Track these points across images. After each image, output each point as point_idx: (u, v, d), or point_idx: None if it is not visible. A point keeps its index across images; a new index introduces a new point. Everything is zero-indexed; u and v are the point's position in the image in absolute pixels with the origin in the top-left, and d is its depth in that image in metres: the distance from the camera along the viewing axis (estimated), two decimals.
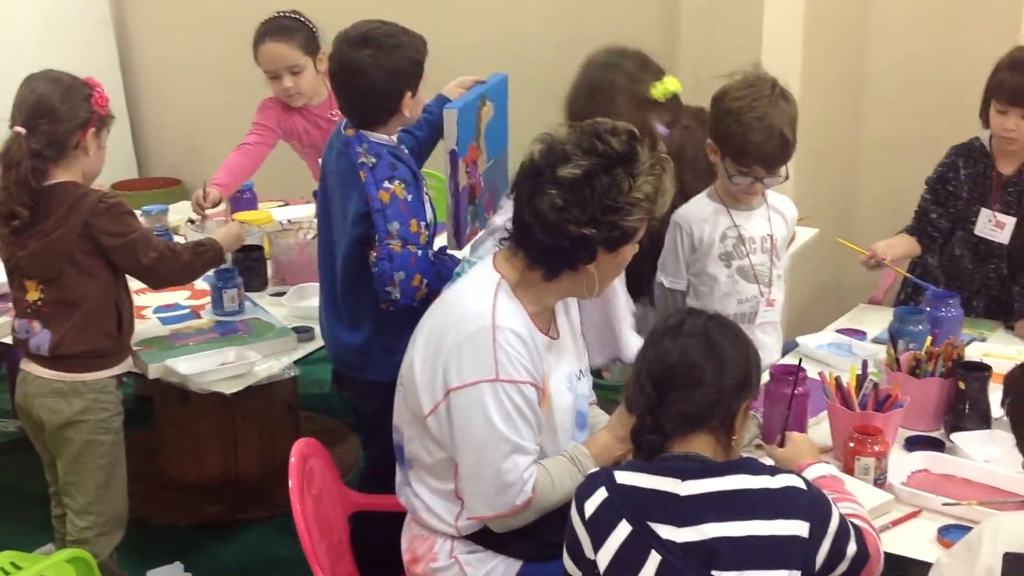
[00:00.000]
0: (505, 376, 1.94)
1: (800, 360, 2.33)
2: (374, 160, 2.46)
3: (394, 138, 2.57)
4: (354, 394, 2.77)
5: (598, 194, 1.92)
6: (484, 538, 2.07)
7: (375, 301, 2.46)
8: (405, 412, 2.11)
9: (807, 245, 3.49)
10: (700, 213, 2.74)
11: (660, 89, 2.55)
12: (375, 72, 2.45)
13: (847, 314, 3.22)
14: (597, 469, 1.81)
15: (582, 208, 1.92)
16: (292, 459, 2.21)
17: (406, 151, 2.61)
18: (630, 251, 2.04)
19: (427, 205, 2.57)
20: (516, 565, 2.07)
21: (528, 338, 1.98)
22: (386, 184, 2.43)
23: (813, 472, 1.99)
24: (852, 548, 1.74)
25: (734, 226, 2.72)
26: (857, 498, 1.96)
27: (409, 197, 2.46)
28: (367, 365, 2.55)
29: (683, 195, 2.77)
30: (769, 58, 3.65)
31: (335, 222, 2.59)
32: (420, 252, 2.44)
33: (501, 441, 1.94)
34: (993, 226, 3.07)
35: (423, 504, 2.10)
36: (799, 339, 2.93)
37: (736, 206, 2.73)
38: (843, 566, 1.74)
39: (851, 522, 1.78)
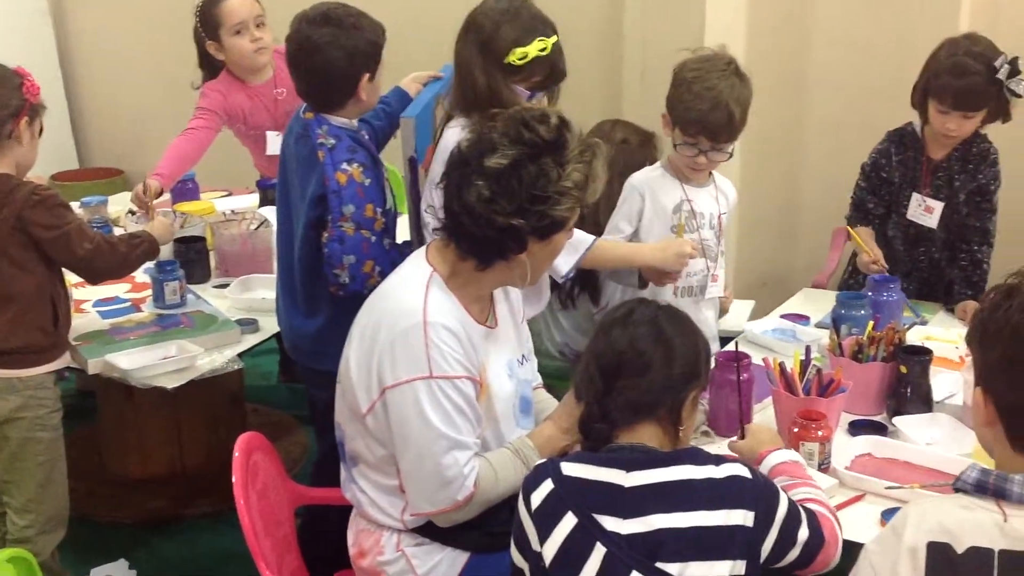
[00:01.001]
0: (439, 373, 1.92)
1: (736, 344, 2.33)
2: (333, 141, 2.44)
3: (354, 122, 2.55)
4: (308, 383, 2.75)
5: (526, 184, 1.89)
6: (431, 531, 2.05)
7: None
8: (345, 410, 2.08)
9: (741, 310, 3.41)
10: (656, 180, 2.73)
11: (517, 54, 2.40)
12: (334, 51, 2.43)
13: (791, 299, 3.25)
14: (544, 460, 1.79)
15: (509, 199, 1.89)
16: (236, 454, 2.18)
17: (366, 136, 2.59)
18: (563, 239, 2.02)
19: (387, 192, 2.55)
20: (463, 557, 2.06)
21: (461, 332, 1.96)
22: (344, 166, 2.41)
23: (775, 459, 1.97)
24: (803, 533, 1.73)
25: (687, 200, 2.72)
26: (817, 482, 1.95)
27: (367, 181, 2.44)
28: (322, 354, 2.51)
29: (606, 208, 2.77)
30: (713, 43, 3.66)
31: (294, 208, 2.56)
32: (374, 238, 2.42)
33: (439, 438, 1.93)
34: (923, 210, 3.11)
35: (368, 499, 2.08)
36: (744, 325, 2.94)
37: (688, 181, 2.73)
38: (794, 552, 1.73)
39: (805, 507, 1.78)
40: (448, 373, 1.92)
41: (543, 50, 2.43)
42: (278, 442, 3.50)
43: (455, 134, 2.40)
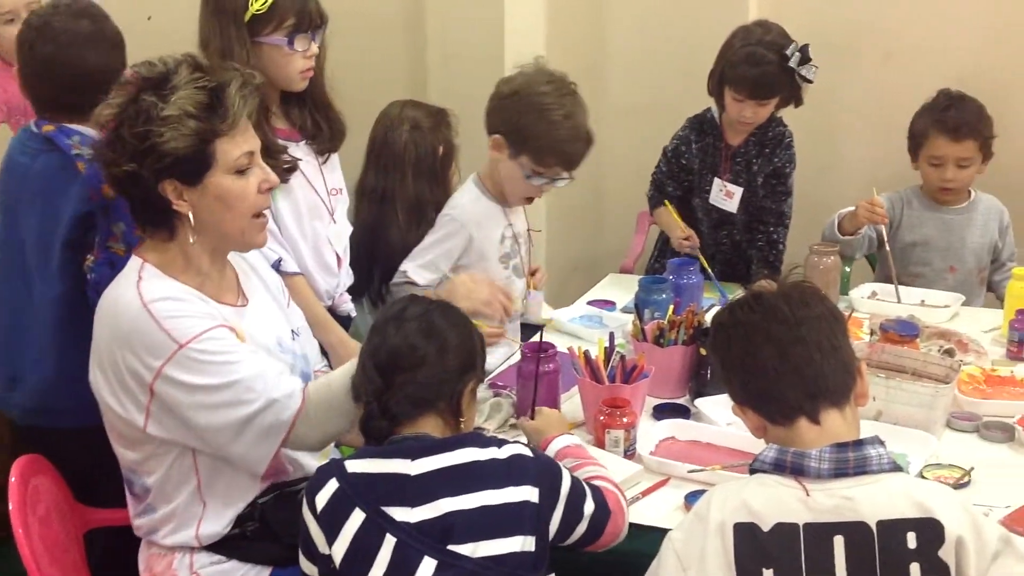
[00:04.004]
0: (185, 339, 1.81)
1: (541, 335, 2.31)
2: (91, 152, 2.22)
3: None
4: (49, 452, 2.22)
5: (127, 126, 1.82)
6: (228, 547, 1.96)
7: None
8: (121, 443, 1.95)
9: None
10: (483, 213, 2.60)
11: (258, 2, 2.27)
12: (93, 46, 2.25)
13: (598, 284, 3.26)
14: (326, 462, 1.76)
15: (119, 148, 1.83)
16: (12, 479, 2.05)
17: None
18: (229, 183, 1.86)
19: None
20: (264, 572, 1.97)
21: (190, 296, 1.87)
22: None
23: (560, 443, 2.03)
24: (589, 507, 1.78)
25: (509, 225, 2.65)
26: (600, 461, 2.01)
27: None
28: (67, 411, 2.19)
29: (404, 204, 2.67)
30: (512, 25, 3.65)
31: (33, 236, 2.26)
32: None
33: (225, 390, 1.83)
34: (723, 195, 3.19)
35: (159, 524, 1.97)
36: (551, 313, 2.93)
37: (507, 203, 2.65)
38: (582, 526, 1.78)
39: (590, 483, 1.83)
40: (193, 334, 1.82)
41: None
42: None
43: None
